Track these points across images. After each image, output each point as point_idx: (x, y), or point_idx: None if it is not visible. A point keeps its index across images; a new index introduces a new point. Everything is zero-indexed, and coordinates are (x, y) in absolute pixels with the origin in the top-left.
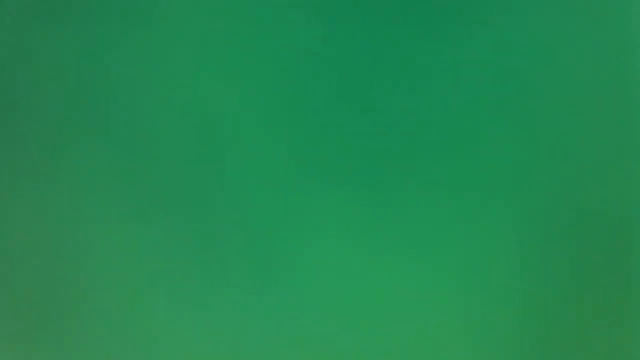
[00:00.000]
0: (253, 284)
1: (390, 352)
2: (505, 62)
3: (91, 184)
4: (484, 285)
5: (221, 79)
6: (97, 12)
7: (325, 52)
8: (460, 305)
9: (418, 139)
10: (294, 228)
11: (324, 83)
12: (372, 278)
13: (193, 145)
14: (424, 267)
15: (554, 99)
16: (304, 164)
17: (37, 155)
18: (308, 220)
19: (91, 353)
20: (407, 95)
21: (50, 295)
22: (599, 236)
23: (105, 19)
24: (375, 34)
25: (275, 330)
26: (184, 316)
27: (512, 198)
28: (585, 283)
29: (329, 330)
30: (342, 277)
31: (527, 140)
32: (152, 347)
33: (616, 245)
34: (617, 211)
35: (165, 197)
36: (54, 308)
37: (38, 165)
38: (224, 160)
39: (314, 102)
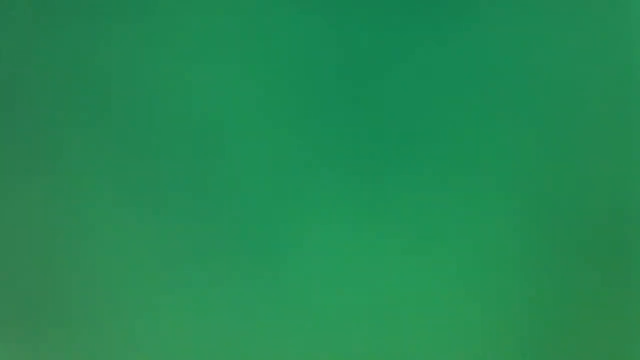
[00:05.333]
0: (253, 275)
1: (389, 344)
2: (507, 59)
3: (91, 180)
4: (483, 279)
5: (222, 73)
6: (96, 7)
7: (326, 46)
8: (460, 299)
9: (421, 132)
10: (294, 220)
11: (324, 76)
12: (373, 270)
13: (192, 138)
14: (425, 259)
15: (556, 97)
16: (305, 156)
17: (35, 152)
18: (309, 212)
19: (91, 349)
20: (410, 89)
21: (50, 292)
22: (600, 234)
23: (105, 15)
24: (377, 28)
25: (276, 321)
26: (185, 310)
27: (513, 194)
28: (587, 281)
29: (330, 320)
30: (343, 268)
31: (529, 137)
32: (153, 341)
33: (617, 242)
34: (618, 208)
35: (165, 191)
36: (53, 305)
37: (36, 162)
38: (223, 151)
39: (315, 94)
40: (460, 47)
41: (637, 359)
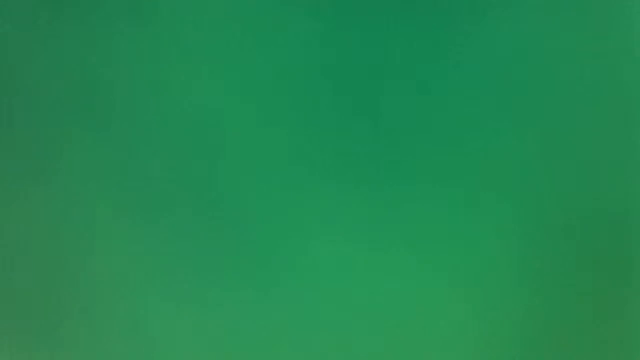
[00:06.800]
0: (254, 280)
1: (390, 349)
2: (509, 62)
3: (91, 182)
4: (484, 284)
5: (222, 76)
6: (96, 10)
7: (326, 49)
8: (460, 303)
9: (420, 137)
10: (294, 225)
11: (324, 79)
12: (373, 275)
13: (193, 142)
14: (425, 265)
15: (557, 99)
16: (305, 161)
17: (35, 154)
18: (309, 217)
19: (91, 352)
20: (409, 92)
21: (50, 300)
22: (601, 235)
23: (104, 17)
24: (377, 30)
25: (276, 327)
26: (185, 314)
27: (514, 196)
28: (586, 285)
29: (330, 327)
30: (343, 274)
31: (529, 139)
32: (152, 345)
33: (618, 243)
34: (619, 210)
35: (165, 195)
36: (53, 312)
37: (37, 164)
38: (224, 157)
39: (314, 98)
40: (460, 55)
41: None
